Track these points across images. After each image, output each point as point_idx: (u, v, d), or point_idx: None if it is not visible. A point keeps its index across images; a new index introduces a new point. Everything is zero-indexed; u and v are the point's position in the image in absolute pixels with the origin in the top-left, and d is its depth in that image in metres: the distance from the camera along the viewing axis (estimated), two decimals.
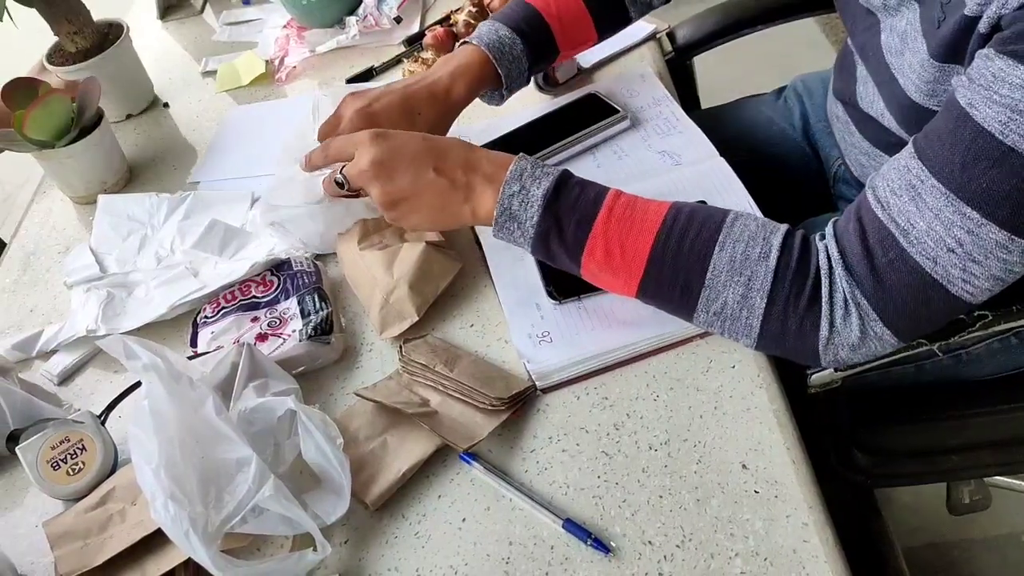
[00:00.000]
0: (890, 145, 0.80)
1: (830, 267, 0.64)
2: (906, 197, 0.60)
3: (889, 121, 0.77)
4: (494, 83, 0.93)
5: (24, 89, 1.04)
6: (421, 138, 0.75)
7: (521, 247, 0.73)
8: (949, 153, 0.58)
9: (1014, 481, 1.34)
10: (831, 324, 0.63)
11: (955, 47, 0.62)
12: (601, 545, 0.61)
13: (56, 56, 1.18)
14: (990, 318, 0.74)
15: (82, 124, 1.06)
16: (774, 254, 0.65)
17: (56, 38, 1.17)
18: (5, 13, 1.03)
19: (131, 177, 1.15)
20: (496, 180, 0.72)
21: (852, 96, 0.86)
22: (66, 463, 0.73)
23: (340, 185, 0.78)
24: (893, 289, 0.61)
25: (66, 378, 0.87)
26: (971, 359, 0.84)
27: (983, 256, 0.58)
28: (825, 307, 0.63)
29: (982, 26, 0.57)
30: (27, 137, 1.02)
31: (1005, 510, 1.36)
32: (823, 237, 0.66)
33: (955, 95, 0.58)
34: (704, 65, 1.28)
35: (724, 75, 1.71)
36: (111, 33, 1.20)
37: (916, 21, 0.66)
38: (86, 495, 0.72)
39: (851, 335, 0.63)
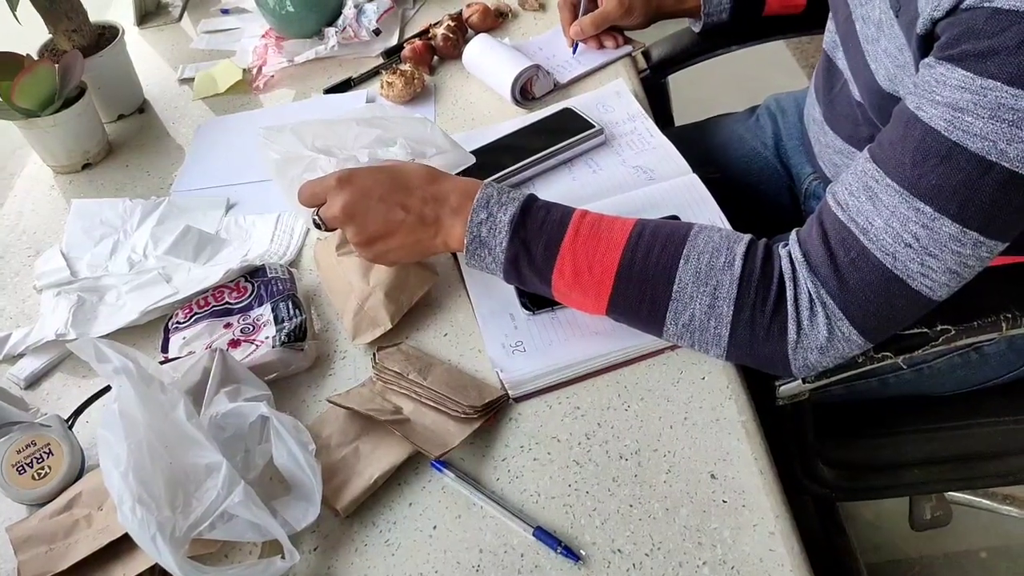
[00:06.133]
0: (861, 140, 0.83)
1: (793, 269, 0.66)
2: (863, 197, 0.63)
3: (863, 111, 0.80)
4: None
5: (6, 63, 1.07)
6: (386, 177, 0.76)
7: (494, 274, 0.75)
8: (900, 153, 0.61)
9: (974, 498, 1.36)
10: (798, 326, 0.65)
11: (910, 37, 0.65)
12: (571, 553, 0.62)
13: (48, 53, 1.18)
14: (953, 332, 0.76)
15: (64, 96, 1.09)
16: (738, 262, 0.66)
17: (50, 35, 1.19)
18: (8, 8, 1.06)
19: (111, 150, 1.19)
20: (463, 211, 0.74)
21: (831, 91, 0.89)
22: (32, 467, 0.72)
23: (318, 226, 0.79)
24: (856, 287, 0.64)
25: (33, 382, 0.86)
26: (933, 373, 0.86)
27: (938, 249, 0.61)
28: (791, 309, 0.65)
29: (919, 27, 0.61)
30: (14, 105, 1.06)
31: (965, 527, 1.39)
32: (785, 244, 0.69)
33: (904, 103, 0.62)
34: (676, 85, 1.30)
35: (696, 95, 1.74)
36: (106, 34, 1.21)
37: (888, 9, 0.69)
38: (52, 500, 0.71)
39: (819, 336, 0.65)
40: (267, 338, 0.80)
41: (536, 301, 0.79)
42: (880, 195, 0.62)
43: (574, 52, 1.15)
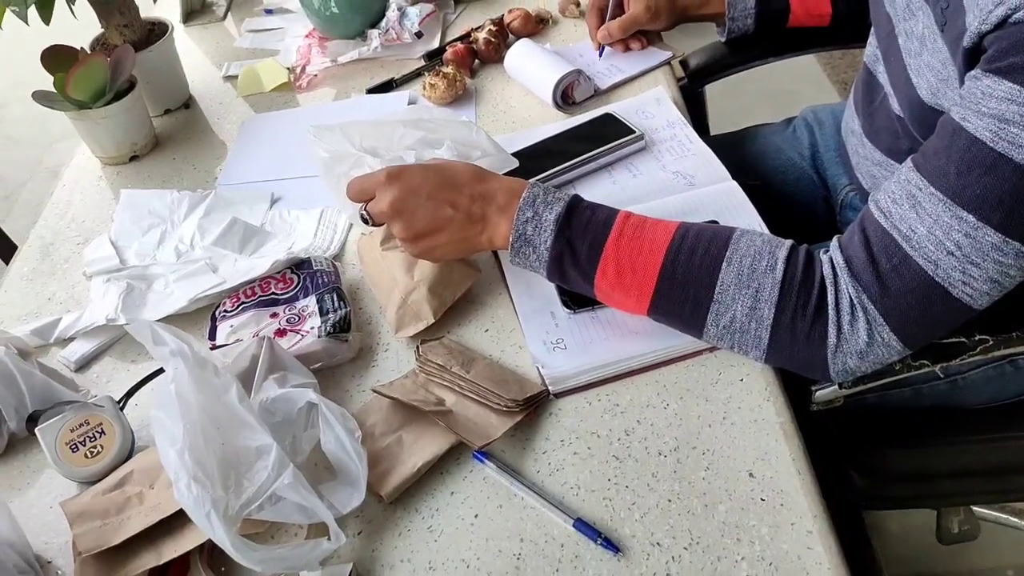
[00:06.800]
0: (901, 153, 0.84)
1: (835, 275, 0.67)
2: (906, 205, 0.64)
3: (903, 125, 0.81)
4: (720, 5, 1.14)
5: (61, 55, 1.10)
6: (435, 174, 0.78)
7: (537, 272, 0.76)
8: (945, 163, 0.62)
9: (1002, 515, 1.36)
10: (839, 330, 0.66)
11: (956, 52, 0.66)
12: (611, 545, 0.63)
13: (100, 47, 1.21)
14: (991, 342, 0.77)
15: (115, 89, 1.13)
16: (780, 266, 0.68)
17: (102, 30, 1.23)
18: (66, 3, 1.10)
19: (157, 143, 1.23)
20: (510, 210, 0.75)
21: (871, 104, 0.90)
22: (84, 445, 0.74)
23: (365, 221, 0.81)
24: (898, 293, 0.65)
25: (83, 365, 0.88)
26: (967, 385, 0.86)
27: (980, 258, 0.62)
28: (832, 314, 0.66)
29: (966, 41, 0.62)
30: (68, 97, 1.10)
31: (993, 544, 1.38)
32: (827, 250, 0.70)
33: (949, 114, 0.63)
34: (710, 96, 1.32)
35: (730, 108, 1.75)
36: (155, 30, 1.24)
37: (932, 24, 0.70)
38: (103, 478, 0.73)
39: (859, 341, 0.66)
40: (312, 328, 0.82)
41: (577, 300, 0.80)
42: (923, 203, 0.63)
43: (600, 55, 1.17)
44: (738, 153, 1.15)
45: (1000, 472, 0.94)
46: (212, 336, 0.85)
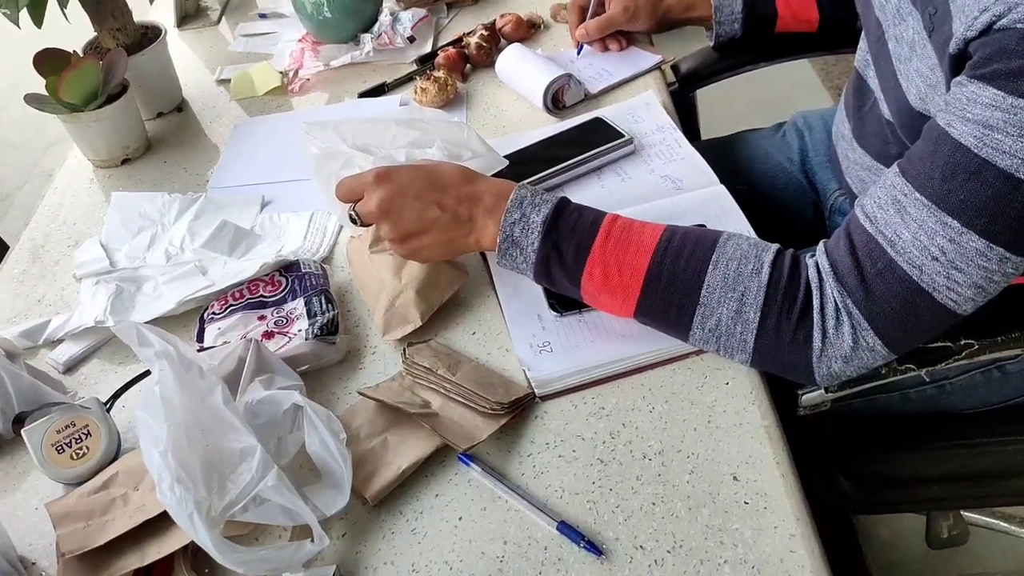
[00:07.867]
0: (890, 157, 0.84)
1: (820, 279, 0.68)
2: (892, 210, 0.65)
3: (893, 129, 0.81)
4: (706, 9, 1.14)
5: (53, 59, 1.10)
6: (423, 175, 0.78)
7: (524, 274, 0.77)
8: (930, 168, 0.62)
9: (992, 520, 1.36)
10: (824, 334, 0.66)
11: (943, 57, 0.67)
12: (594, 548, 0.63)
13: (93, 51, 1.22)
14: (976, 347, 0.77)
15: (108, 92, 1.14)
16: (766, 270, 0.68)
17: (96, 33, 1.23)
18: (58, 6, 1.11)
19: (149, 146, 1.23)
20: (497, 211, 0.75)
21: (861, 109, 0.90)
22: (71, 447, 0.74)
23: (354, 221, 0.81)
24: (883, 298, 0.65)
25: (71, 367, 0.89)
26: (954, 390, 0.86)
27: (965, 264, 0.62)
28: (817, 317, 0.67)
29: (952, 47, 0.62)
30: (60, 100, 1.10)
31: (982, 550, 1.38)
32: (812, 255, 0.70)
33: (935, 119, 0.63)
34: (702, 102, 1.32)
35: (722, 113, 1.76)
36: (148, 34, 1.25)
37: (921, 30, 0.70)
38: (89, 479, 0.73)
39: (843, 345, 0.66)
40: (300, 331, 0.82)
41: (564, 303, 0.80)
42: (908, 208, 0.64)
43: (578, 54, 1.19)
44: (728, 158, 1.16)
45: (988, 477, 0.94)
46: (200, 338, 0.85)
